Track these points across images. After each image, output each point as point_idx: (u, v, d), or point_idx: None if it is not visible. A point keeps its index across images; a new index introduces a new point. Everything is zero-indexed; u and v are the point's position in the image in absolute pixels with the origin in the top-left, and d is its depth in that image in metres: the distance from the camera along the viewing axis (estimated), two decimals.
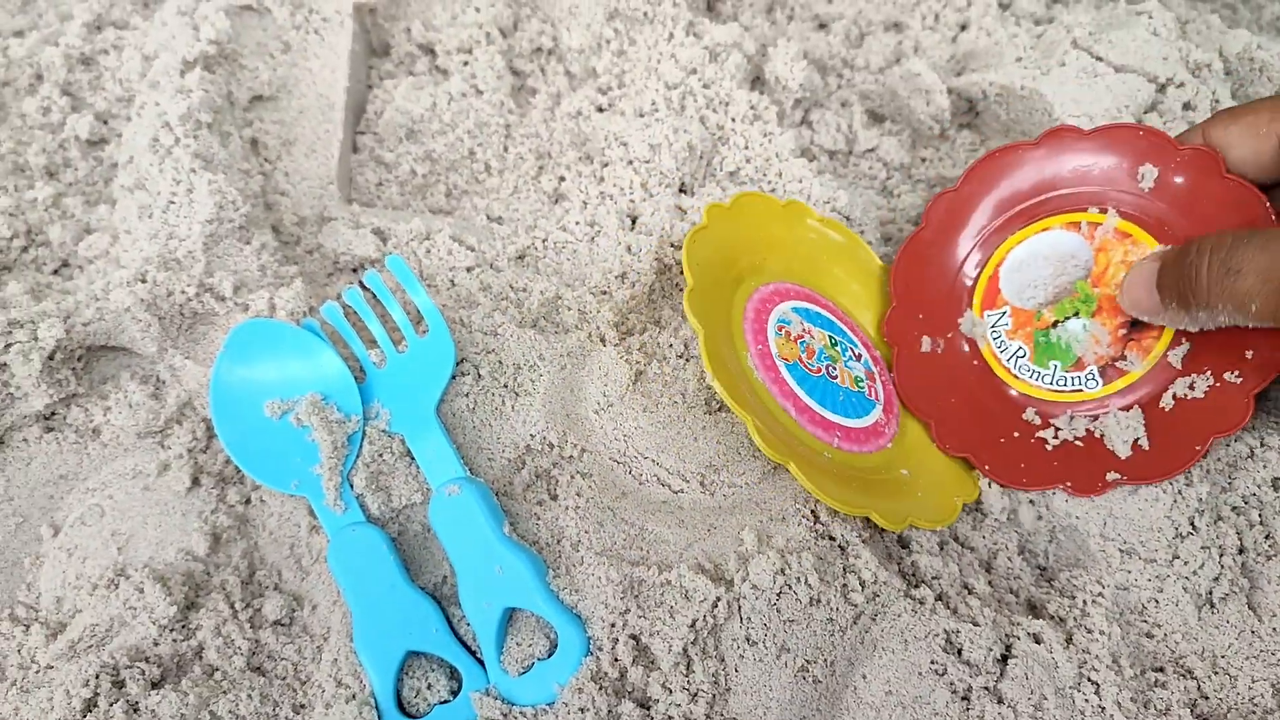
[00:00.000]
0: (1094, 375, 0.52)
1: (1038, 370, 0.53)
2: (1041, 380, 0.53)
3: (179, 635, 0.46)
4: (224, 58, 0.60)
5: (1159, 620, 0.48)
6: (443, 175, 0.63)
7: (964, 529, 0.52)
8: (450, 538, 0.46)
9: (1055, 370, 0.53)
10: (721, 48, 0.63)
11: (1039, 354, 0.53)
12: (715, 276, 0.52)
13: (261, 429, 0.48)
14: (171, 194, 0.53)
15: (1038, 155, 0.55)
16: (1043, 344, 0.54)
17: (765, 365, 0.51)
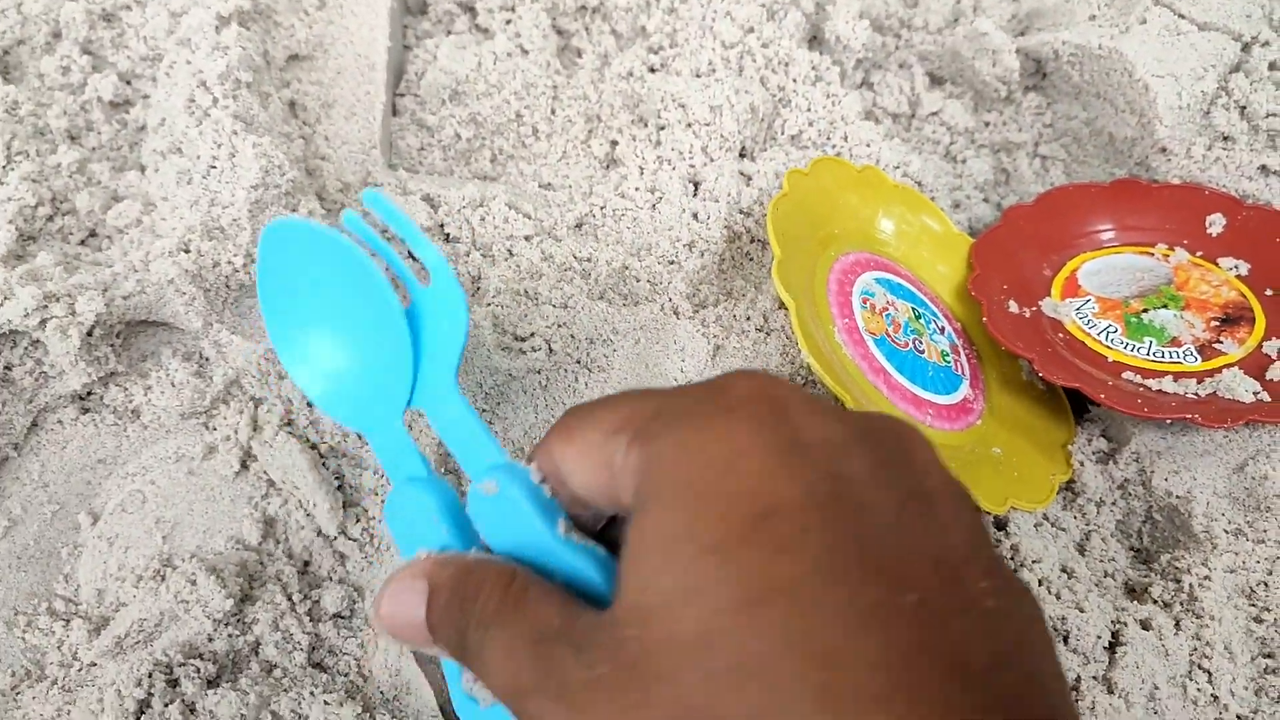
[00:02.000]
0: (1192, 352, 0.52)
1: (1133, 343, 0.52)
2: (1138, 351, 0.52)
3: (235, 629, 0.43)
4: (258, 14, 0.56)
5: (1270, 604, 0.46)
6: (488, 139, 0.60)
7: (1054, 509, 0.50)
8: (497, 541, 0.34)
9: (1151, 345, 0.52)
10: (779, 5, 0.60)
11: (1132, 331, 0.53)
12: (798, 246, 0.49)
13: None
14: (213, 158, 0.49)
15: (1107, 195, 0.59)
16: (1135, 323, 0.53)
17: (853, 340, 0.48)
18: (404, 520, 0.36)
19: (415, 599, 0.32)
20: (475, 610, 0.30)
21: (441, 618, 0.31)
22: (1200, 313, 0.53)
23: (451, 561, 0.32)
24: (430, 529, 0.35)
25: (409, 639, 0.32)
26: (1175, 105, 0.55)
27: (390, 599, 0.32)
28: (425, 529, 0.35)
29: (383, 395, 0.37)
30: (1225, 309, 0.54)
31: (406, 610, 0.32)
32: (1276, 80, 0.56)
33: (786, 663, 0.22)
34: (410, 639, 0.32)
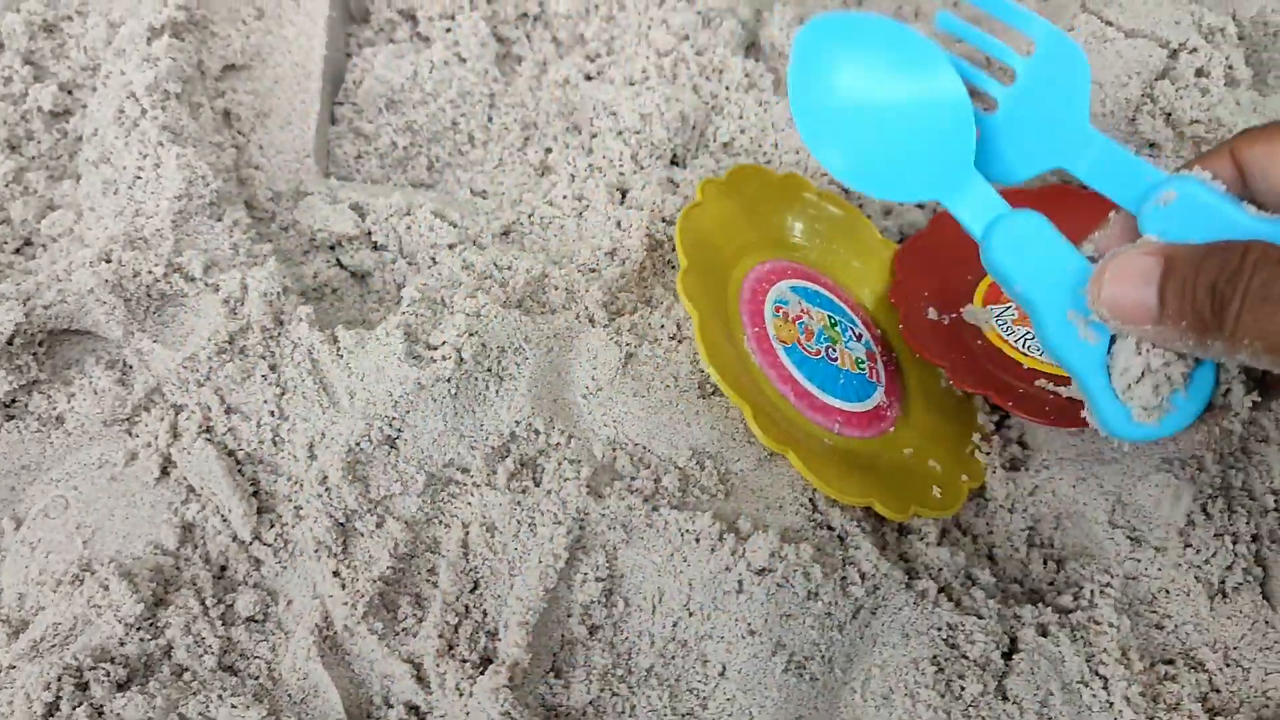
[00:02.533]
0: None
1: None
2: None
3: (147, 634, 0.44)
4: (194, 24, 0.57)
5: (1169, 611, 0.46)
6: (424, 147, 0.60)
7: (966, 516, 0.50)
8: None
9: None
10: (715, 12, 0.61)
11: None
12: (710, 255, 0.50)
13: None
14: (138, 169, 0.50)
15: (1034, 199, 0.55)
16: None
17: (762, 349, 0.49)
18: (1018, 255, 0.39)
19: (1144, 273, 0.34)
20: (1247, 261, 0.32)
21: (1184, 284, 0.33)
22: None
23: (1186, 245, 0.34)
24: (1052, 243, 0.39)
25: (1131, 317, 0.35)
26: (1099, 112, 0.55)
27: (1114, 274, 0.35)
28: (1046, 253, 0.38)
29: (947, 159, 0.41)
30: None
31: (1132, 286, 0.34)
32: (1203, 87, 0.56)
33: None
34: (1132, 317, 0.35)
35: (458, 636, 0.44)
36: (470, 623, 0.44)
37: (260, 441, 0.47)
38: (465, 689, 0.42)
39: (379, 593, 0.45)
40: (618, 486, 0.45)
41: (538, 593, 0.43)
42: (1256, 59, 0.61)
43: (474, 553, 0.45)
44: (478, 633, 0.44)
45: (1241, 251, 0.32)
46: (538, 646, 0.43)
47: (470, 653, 0.44)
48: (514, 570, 0.45)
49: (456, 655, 0.43)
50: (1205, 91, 0.56)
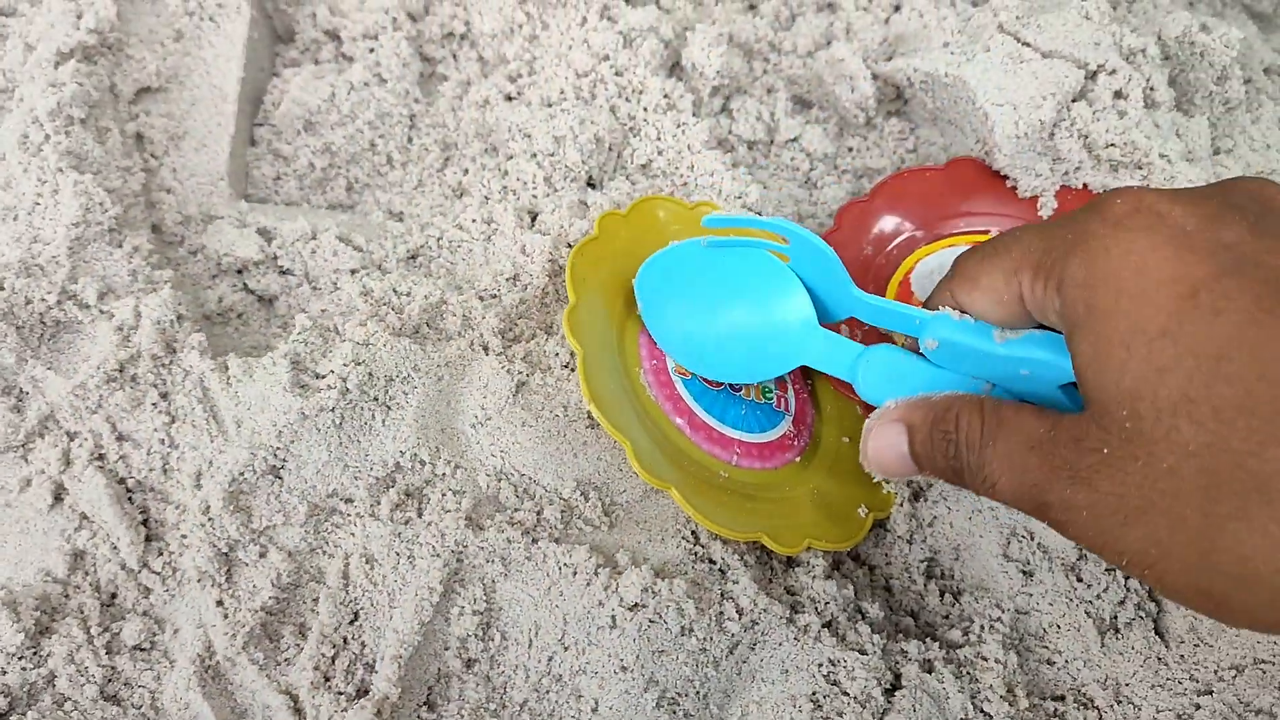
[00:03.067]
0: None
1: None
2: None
3: (29, 663, 0.44)
4: (107, 47, 0.57)
5: (1060, 647, 0.46)
6: (343, 168, 0.60)
7: (865, 547, 0.50)
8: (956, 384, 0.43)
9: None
10: (636, 33, 0.60)
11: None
12: (608, 288, 0.49)
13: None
14: (37, 195, 0.50)
15: (944, 178, 0.58)
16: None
17: (660, 381, 0.48)
18: (874, 383, 0.44)
19: (896, 438, 0.40)
20: (961, 438, 0.37)
21: (926, 450, 0.39)
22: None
23: (921, 403, 0.40)
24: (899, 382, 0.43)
25: (896, 472, 0.41)
26: (1013, 134, 0.55)
27: (875, 441, 0.41)
28: (893, 385, 0.43)
29: (795, 334, 0.47)
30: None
31: (890, 449, 0.40)
32: (1120, 110, 0.55)
33: (1264, 395, 0.29)
34: (898, 472, 0.41)
35: (334, 668, 0.44)
36: (348, 654, 0.44)
37: (150, 469, 0.47)
38: None
39: (261, 623, 0.45)
40: (499, 519, 0.45)
41: (413, 625, 0.43)
42: (1182, 79, 0.60)
43: (354, 584, 0.45)
44: (355, 664, 0.44)
45: (955, 424, 0.38)
46: (411, 680, 0.43)
47: (346, 684, 0.43)
48: (393, 602, 0.44)
49: (332, 687, 0.43)
50: (1123, 114, 0.55)
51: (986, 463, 0.36)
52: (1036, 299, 0.37)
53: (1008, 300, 0.38)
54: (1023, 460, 0.35)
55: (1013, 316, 0.39)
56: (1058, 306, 0.35)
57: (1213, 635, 0.45)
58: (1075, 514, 0.33)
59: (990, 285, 0.39)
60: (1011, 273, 0.38)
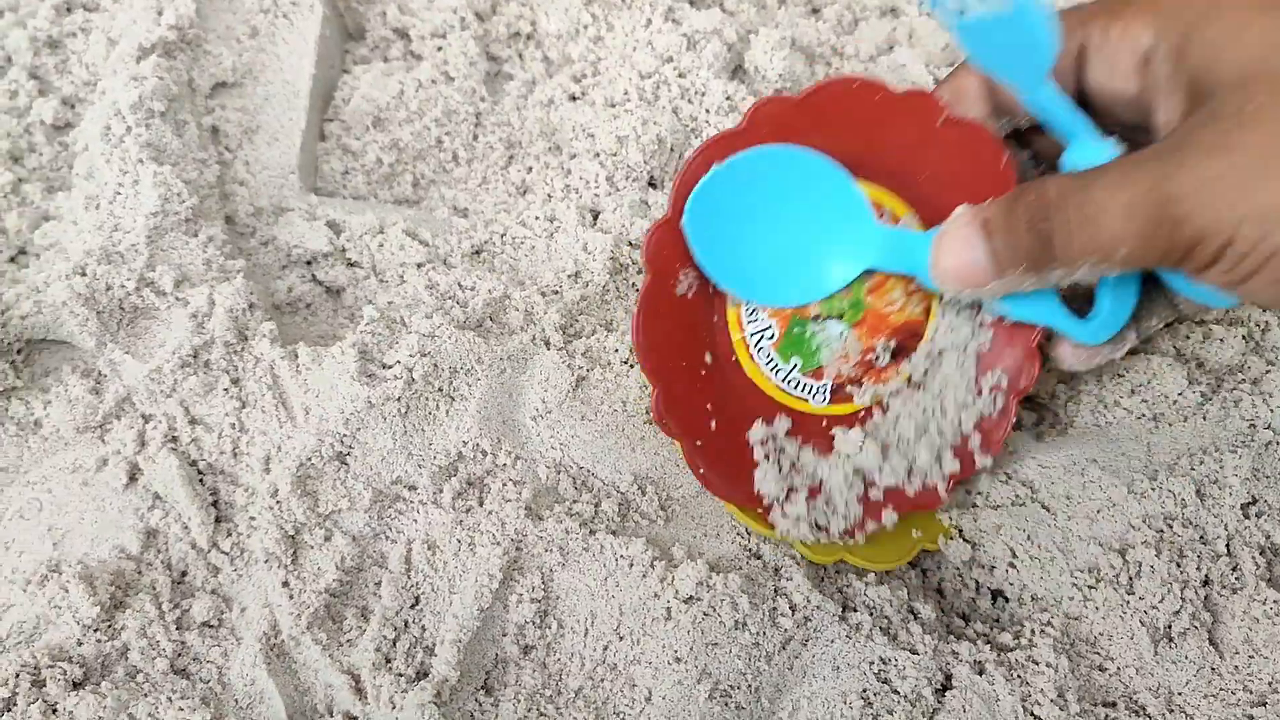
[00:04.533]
0: (824, 390, 0.47)
1: (776, 361, 0.46)
2: (775, 374, 0.46)
3: (103, 635, 0.46)
4: (186, 43, 0.58)
5: (1112, 654, 0.46)
6: (409, 164, 0.62)
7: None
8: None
9: (794, 368, 0.46)
10: (700, 35, 0.61)
11: (785, 343, 0.46)
12: None
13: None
14: (118, 185, 0.52)
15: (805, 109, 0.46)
16: (795, 334, 0.46)
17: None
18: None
19: (968, 240, 0.39)
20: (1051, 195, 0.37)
21: (1009, 236, 0.38)
22: (869, 336, 0.46)
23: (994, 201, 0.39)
24: None
25: (974, 280, 0.39)
26: None
27: (945, 250, 0.40)
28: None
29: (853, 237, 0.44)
30: (894, 334, 0.46)
31: (964, 254, 0.39)
32: None
33: None
34: (975, 280, 0.39)
35: (395, 650, 0.45)
36: (409, 637, 0.45)
37: (221, 452, 0.49)
38: (398, 702, 0.43)
39: (325, 604, 0.46)
40: (558, 509, 0.46)
41: (473, 611, 0.44)
42: None
43: (416, 569, 0.46)
44: (415, 647, 0.45)
45: (1043, 189, 0.37)
46: (470, 664, 0.44)
47: (407, 667, 0.45)
48: (453, 588, 0.46)
49: (393, 669, 0.45)
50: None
51: (1089, 200, 0.36)
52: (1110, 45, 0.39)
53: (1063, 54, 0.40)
54: (1139, 171, 0.35)
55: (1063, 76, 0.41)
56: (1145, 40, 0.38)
57: (1269, 647, 0.45)
58: (1206, 191, 0.33)
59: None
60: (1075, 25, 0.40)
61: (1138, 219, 0.35)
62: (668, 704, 0.43)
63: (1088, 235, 0.36)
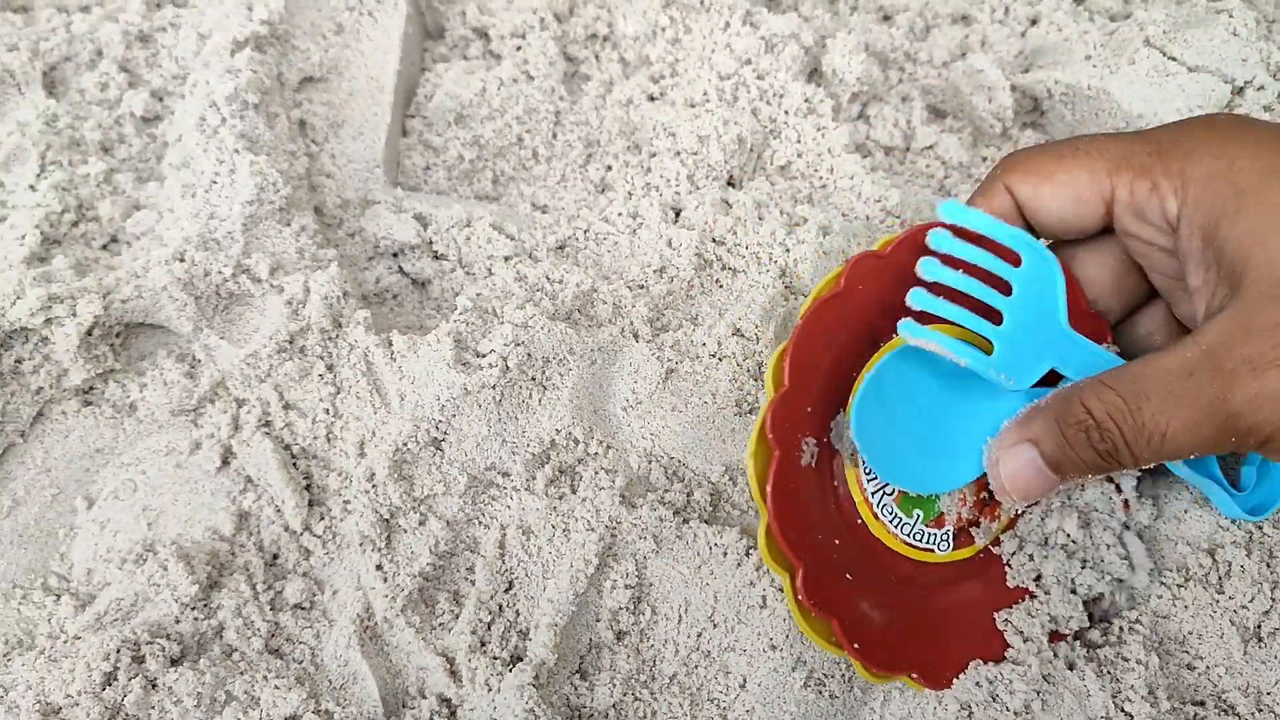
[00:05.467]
0: (948, 537, 0.45)
1: (900, 516, 0.44)
2: (901, 529, 0.44)
3: (200, 614, 0.46)
4: (276, 38, 0.60)
5: (1201, 653, 0.46)
6: (490, 161, 0.62)
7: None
8: None
9: (916, 521, 0.44)
10: (778, 38, 0.62)
11: (904, 501, 0.44)
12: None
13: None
14: (215, 174, 0.53)
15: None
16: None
17: None
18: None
19: (1027, 456, 0.39)
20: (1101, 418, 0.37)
21: (1063, 451, 0.38)
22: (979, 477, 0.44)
23: (1030, 414, 0.40)
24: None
25: (1039, 490, 0.40)
26: None
27: (1006, 469, 0.40)
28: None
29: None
30: None
31: (1025, 468, 0.39)
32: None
33: None
34: (1040, 490, 0.40)
35: (490, 634, 0.45)
36: (503, 621, 0.46)
37: (315, 437, 0.50)
38: (494, 684, 0.44)
39: (419, 588, 0.47)
40: (650, 498, 0.47)
41: (568, 596, 0.45)
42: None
43: (510, 554, 0.47)
44: (509, 631, 0.46)
45: (1085, 408, 0.37)
46: (565, 648, 0.45)
47: (501, 650, 0.45)
48: (547, 573, 0.46)
49: (488, 652, 0.45)
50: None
51: (1148, 420, 0.36)
52: (1137, 201, 0.38)
53: (1089, 199, 0.39)
54: (1186, 391, 0.35)
55: (1083, 219, 0.40)
56: (1173, 208, 0.37)
57: None
58: (1269, 407, 0.33)
59: (1070, 182, 0.39)
60: (1102, 174, 0.39)
61: (1204, 433, 0.35)
62: (762, 691, 0.43)
63: (1151, 451, 0.36)
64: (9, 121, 0.58)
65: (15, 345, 0.50)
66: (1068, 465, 0.39)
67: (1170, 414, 0.35)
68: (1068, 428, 0.38)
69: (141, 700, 0.44)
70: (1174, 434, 0.35)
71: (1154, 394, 0.35)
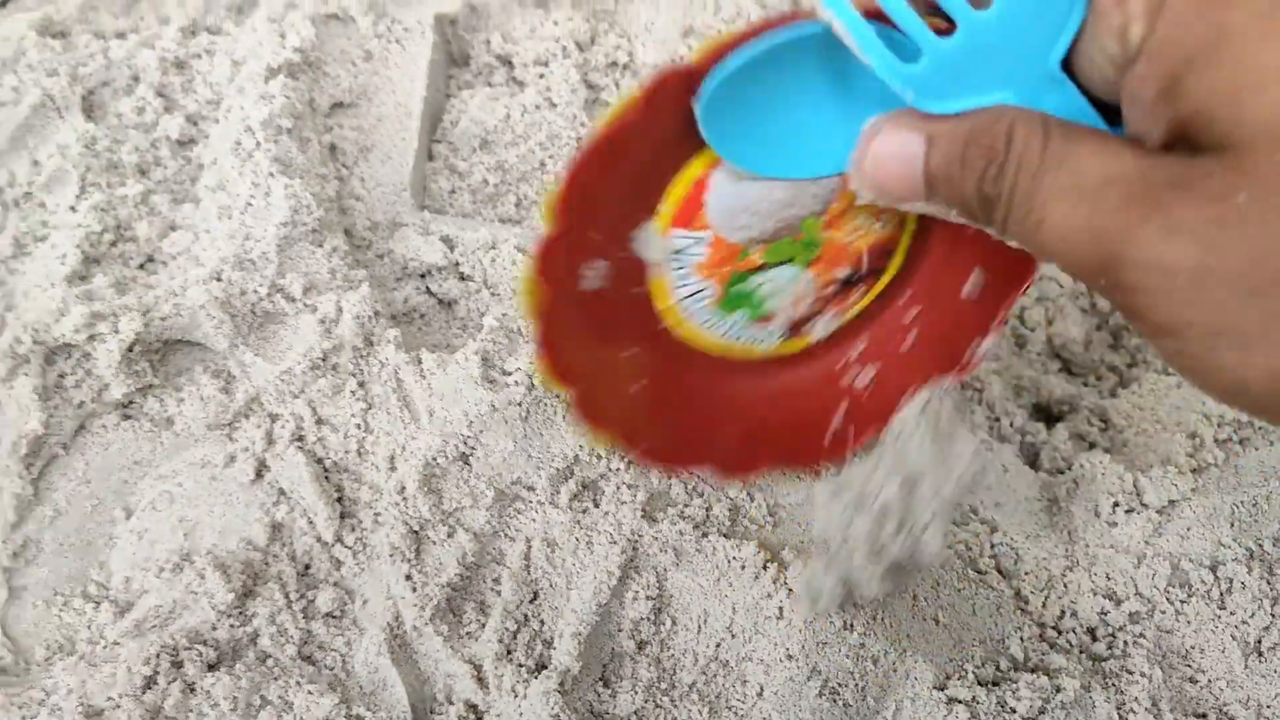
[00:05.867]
0: (776, 332, 0.41)
1: (715, 320, 0.40)
2: (713, 330, 0.41)
3: (236, 621, 0.48)
4: (308, 65, 0.62)
5: (1203, 666, 0.48)
6: (513, 185, 0.64)
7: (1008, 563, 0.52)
8: None
9: (736, 322, 0.41)
10: None
11: (725, 301, 0.40)
12: None
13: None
14: (250, 196, 0.55)
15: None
16: (735, 292, 0.40)
17: None
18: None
19: (910, 147, 0.31)
20: (1013, 155, 0.29)
21: (950, 168, 0.30)
22: (828, 269, 0.40)
23: (953, 117, 0.31)
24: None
25: (895, 192, 0.32)
26: None
27: (879, 146, 0.32)
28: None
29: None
30: (856, 261, 0.40)
31: (897, 157, 0.31)
32: None
33: None
34: (897, 192, 0.32)
35: (516, 642, 0.47)
36: (528, 630, 0.48)
37: (346, 451, 0.51)
38: (520, 691, 0.45)
39: (446, 598, 0.48)
40: (671, 512, 0.48)
41: (591, 606, 0.47)
42: None
43: (535, 566, 0.48)
44: (534, 640, 0.47)
45: (1005, 138, 0.29)
46: (588, 657, 0.47)
47: (527, 658, 0.47)
48: (571, 584, 0.48)
49: (514, 660, 0.47)
50: None
51: (1040, 189, 0.29)
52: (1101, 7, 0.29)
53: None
54: (1097, 194, 0.28)
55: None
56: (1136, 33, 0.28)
57: None
58: (1163, 279, 0.27)
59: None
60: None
61: (1078, 254, 0.29)
62: (779, 699, 0.45)
63: (1023, 230, 0.30)
64: (50, 144, 0.61)
65: (59, 360, 0.52)
66: (942, 183, 0.31)
67: (1063, 208, 0.28)
68: (975, 145, 0.30)
69: (180, 704, 0.45)
70: (1050, 228, 0.29)
71: (1072, 166, 0.28)
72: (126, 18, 0.68)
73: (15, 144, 0.61)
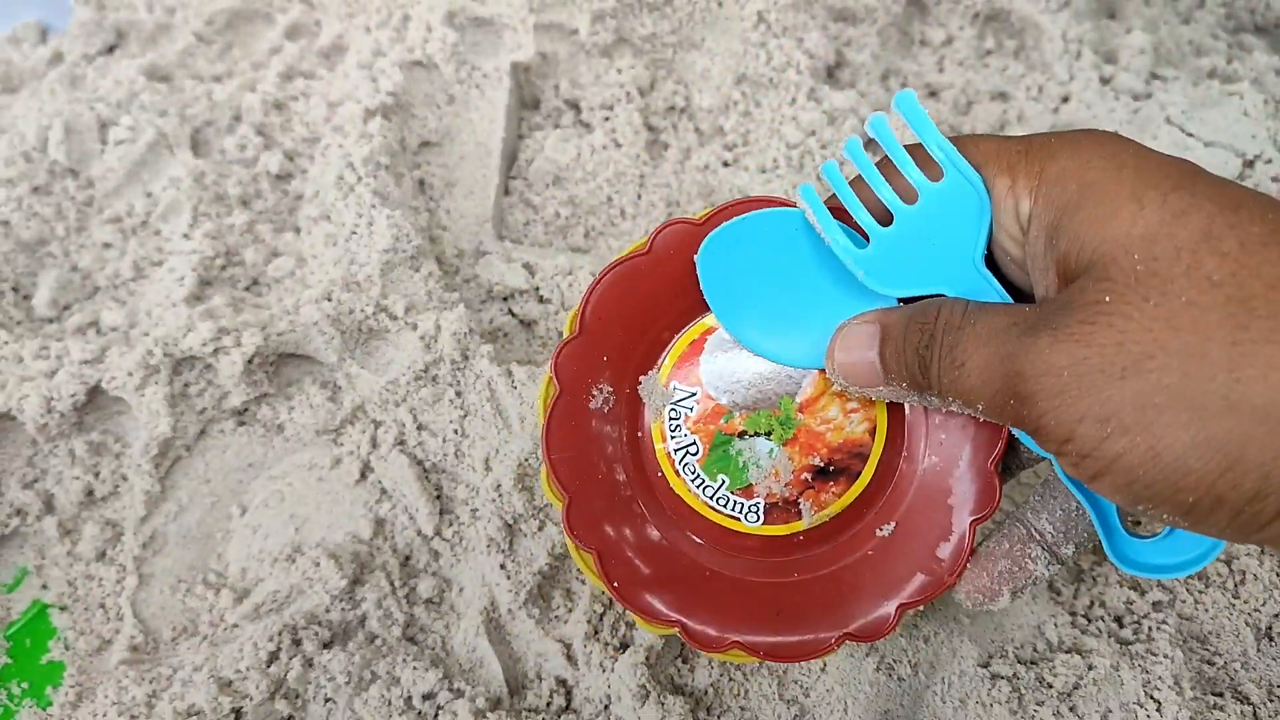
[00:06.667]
0: (758, 510, 0.45)
1: (703, 478, 0.45)
2: (703, 491, 0.45)
3: (347, 605, 0.53)
4: (399, 107, 0.68)
5: (1220, 649, 0.53)
6: (583, 218, 0.70)
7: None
8: None
9: (721, 486, 0.44)
10: (839, 112, 0.70)
11: (710, 461, 0.44)
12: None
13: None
14: (354, 226, 0.61)
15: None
16: (720, 452, 0.44)
17: None
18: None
19: (866, 340, 0.39)
20: (938, 326, 0.36)
21: (897, 349, 0.38)
22: (803, 455, 0.44)
23: (902, 308, 0.39)
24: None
25: (862, 380, 0.40)
26: None
27: (843, 344, 0.40)
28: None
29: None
30: (833, 455, 0.44)
31: (858, 352, 0.39)
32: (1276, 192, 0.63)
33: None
34: (863, 380, 0.40)
35: (602, 624, 0.52)
36: (613, 614, 0.53)
37: (445, 454, 0.57)
38: (608, 666, 0.51)
39: (537, 585, 0.54)
40: None
41: None
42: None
43: None
44: (619, 623, 0.53)
45: (934, 315, 0.37)
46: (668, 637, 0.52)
47: (612, 638, 0.52)
48: None
49: (600, 639, 0.52)
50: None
51: (961, 340, 0.35)
52: (997, 197, 0.37)
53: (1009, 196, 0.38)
54: (1002, 335, 0.34)
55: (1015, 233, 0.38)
56: (1025, 208, 0.36)
57: None
58: (1051, 379, 0.32)
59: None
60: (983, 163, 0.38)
61: (991, 385, 0.34)
62: (840, 674, 0.50)
63: (950, 380, 0.36)
64: (163, 178, 0.67)
65: (184, 372, 0.58)
66: (892, 362, 0.38)
67: (977, 350, 0.35)
68: (913, 323, 0.37)
69: (301, 676, 0.51)
70: (969, 370, 0.35)
71: (983, 324, 0.35)
72: (222, 62, 0.75)
73: (131, 178, 0.67)
